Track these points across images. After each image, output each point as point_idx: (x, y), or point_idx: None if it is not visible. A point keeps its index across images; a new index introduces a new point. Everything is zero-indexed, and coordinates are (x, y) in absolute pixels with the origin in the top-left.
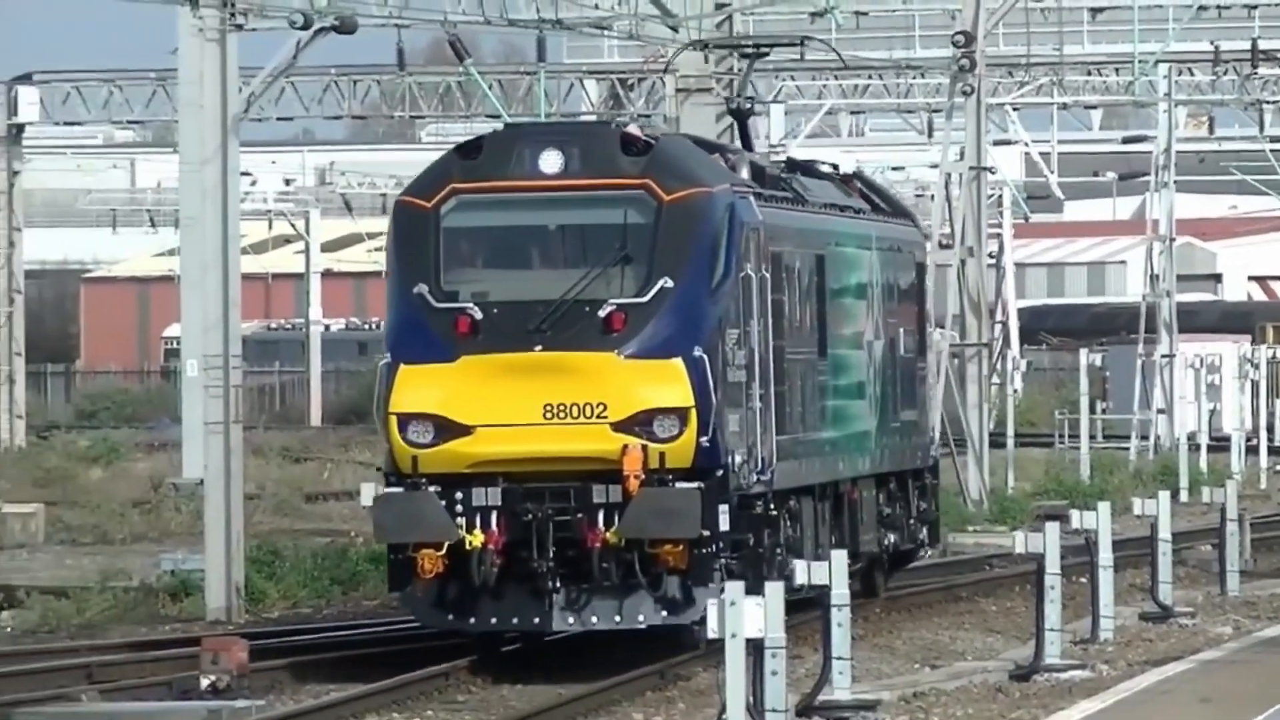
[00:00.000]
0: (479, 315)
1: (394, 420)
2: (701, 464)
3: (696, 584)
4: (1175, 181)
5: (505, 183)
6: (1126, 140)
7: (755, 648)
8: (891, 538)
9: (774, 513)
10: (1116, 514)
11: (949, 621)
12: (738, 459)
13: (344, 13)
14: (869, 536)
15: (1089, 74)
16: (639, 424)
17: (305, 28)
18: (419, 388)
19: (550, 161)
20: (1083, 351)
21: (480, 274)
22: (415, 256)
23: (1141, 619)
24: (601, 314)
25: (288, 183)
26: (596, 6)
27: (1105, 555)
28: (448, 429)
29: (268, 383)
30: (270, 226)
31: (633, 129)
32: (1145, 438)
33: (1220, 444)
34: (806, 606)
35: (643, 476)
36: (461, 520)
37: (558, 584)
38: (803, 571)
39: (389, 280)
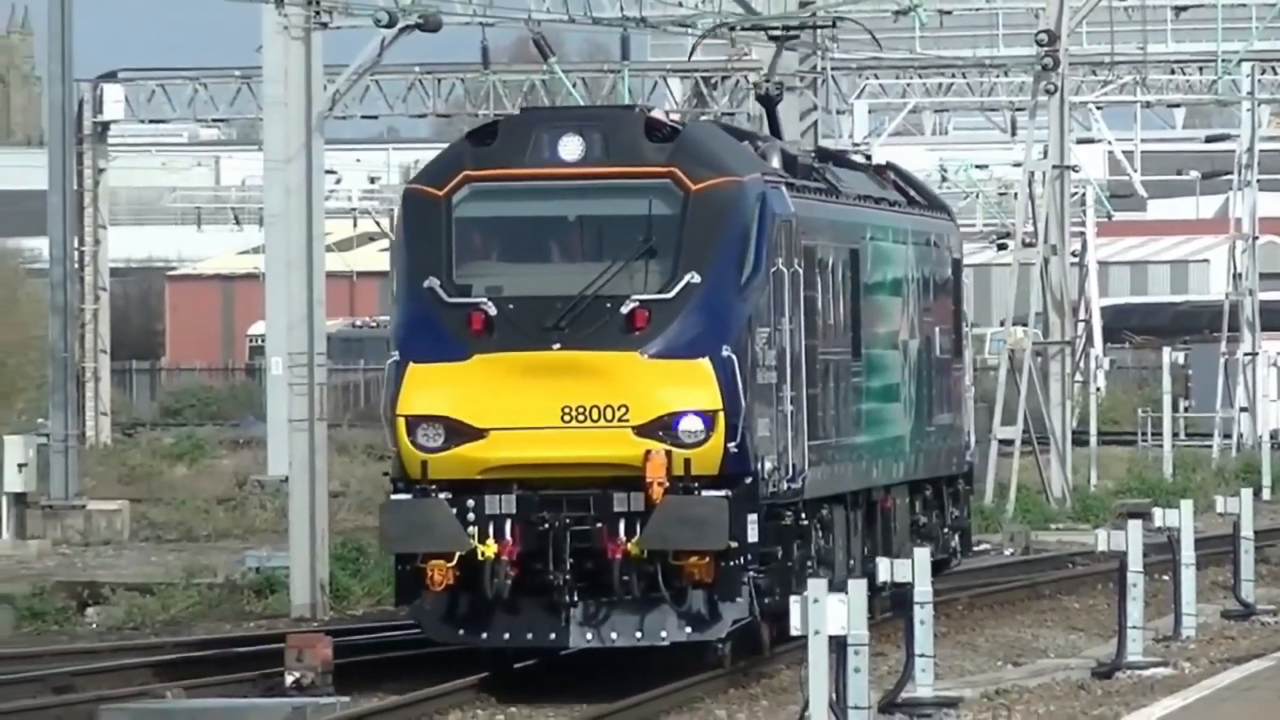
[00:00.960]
0: (493, 311)
1: (402, 423)
2: (729, 471)
3: (723, 599)
4: (1258, 180)
5: (521, 170)
6: (1210, 139)
7: (838, 645)
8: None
9: (805, 522)
10: (1199, 512)
11: (1031, 619)
12: (767, 465)
13: (428, 11)
14: (901, 547)
15: (1172, 73)
16: (663, 428)
17: (390, 26)
18: (429, 388)
19: (570, 148)
20: (1165, 350)
21: (494, 267)
22: (425, 248)
23: (1224, 617)
24: (624, 311)
25: (372, 181)
26: (680, 4)
27: (1187, 553)
28: (459, 432)
29: (352, 380)
30: (355, 224)
31: (658, 113)
32: (1228, 436)
33: None
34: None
35: (667, 484)
36: (473, 529)
37: (575, 598)
38: (885, 569)
39: (397, 273)
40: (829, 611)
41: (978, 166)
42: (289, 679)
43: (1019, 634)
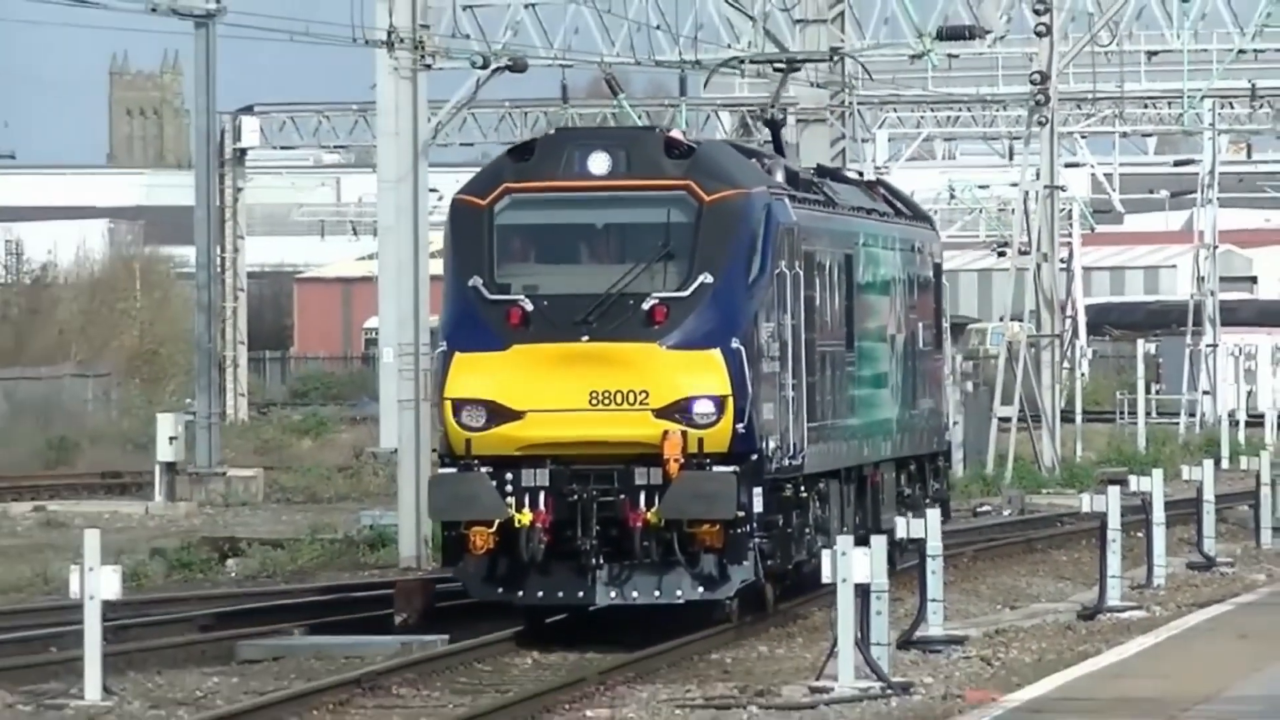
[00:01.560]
0: (529, 307)
1: (449, 405)
2: (737, 449)
3: (731, 562)
4: (1218, 198)
5: (555, 183)
6: (1177, 163)
7: (862, 591)
8: (910, 516)
9: (804, 495)
10: (1168, 479)
11: (1026, 569)
12: (771, 444)
13: (516, 55)
14: (889, 515)
15: (1145, 107)
16: (679, 411)
17: (484, 67)
18: (472, 375)
19: (598, 163)
20: (1140, 342)
21: (531, 268)
22: (470, 251)
23: (1189, 568)
24: (645, 307)
25: None
26: (730, 47)
27: (1158, 514)
28: (499, 413)
29: None
30: None
31: (675, 134)
32: (1192, 415)
33: (1256, 420)
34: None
35: (682, 460)
36: (511, 500)
37: (601, 560)
38: (902, 527)
39: (446, 273)
40: (855, 563)
41: (980, 186)
42: (397, 619)
43: (1015, 582)
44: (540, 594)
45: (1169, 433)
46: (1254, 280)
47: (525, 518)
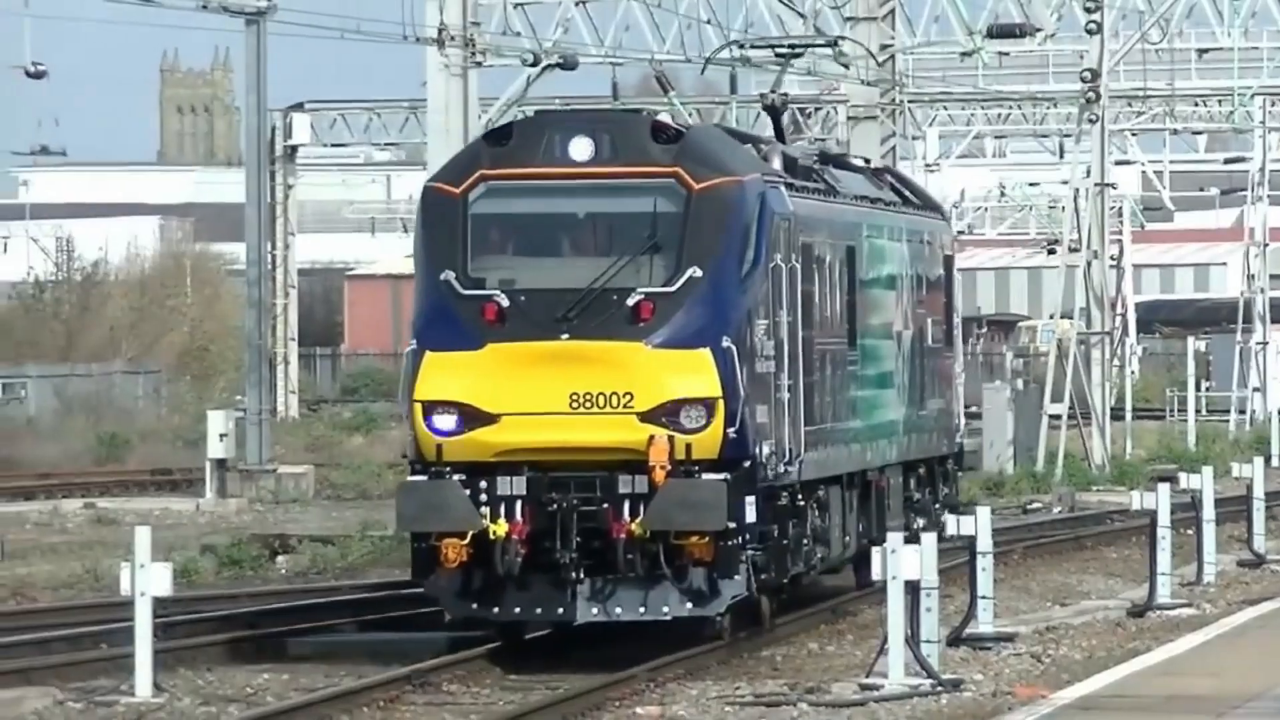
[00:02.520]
0: (506, 303)
1: (418, 408)
2: (728, 455)
3: (721, 576)
4: (1269, 195)
5: (534, 170)
6: (1228, 160)
7: (912, 588)
8: (919, 523)
9: (801, 503)
10: (1218, 476)
11: (1076, 567)
12: (765, 450)
13: (567, 52)
14: (895, 523)
15: (1196, 105)
16: (666, 414)
17: (534, 65)
18: (444, 375)
19: (580, 149)
20: (1190, 339)
21: (508, 261)
22: (443, 243)
23: (1239, 565)
24: (629, 303)
25: None
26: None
27: (1208, 511)
28: (473, 417)
29: None
30: None
31: (663, 117)
32: (1243, 412)
33: None
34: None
35: (669, 467)
36: (485, 509)
37: (582, 574)
38: (953, 524)
39: (417, 267)
40: (905, 561)
41: (1031, 184)
42: (447, 616)
43: (1065, 579)
44: (517, 610)
45: (1219, 430)
46: None
47: (501, 529)
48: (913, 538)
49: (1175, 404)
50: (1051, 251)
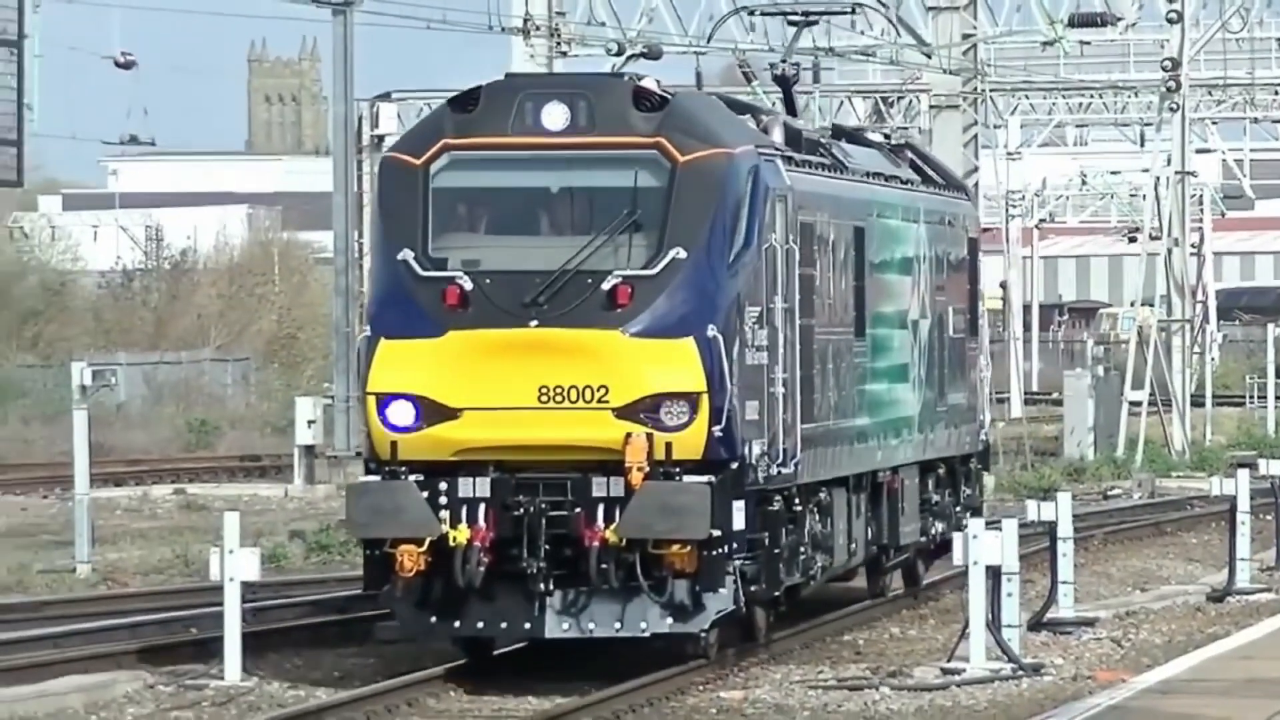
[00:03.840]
0: (469, 286)
1: (371, 400)
2: (714, 456)
3: (705, 589)
4: None
5: (503, 139)
6: None
7: (994, 574)
8: (938, 527)
9: (798, 508)
10: None
11: (1156, 552)
12: (755, 450)
13: (651, 42)
14: (911, 528)
15: (1276, 93)
16: (644, 410)
17: (619, 54)
18: (400, 365)
19: (554, 117)
20: (1270, 326)
21: (473, 240)
22: (401, 219)
23: None
24: (605, 287)
25: None
26: (863, 33)
27: None
28: (432, 412)
29: None
30: None
31: (647, 82)
32: None
33: None
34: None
35: (647, 469)
36: (446, 514)
37: (551, 586)
38: (1033, 510)
39: (373, 245)
40: (986, 546)
41: (1112, 172)
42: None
43: (1145, 564)
44: (480, 624)
45: None
46: None
47: (462, 535)
48: (994, 523)
49: (1255, 390)
50: (1132, 239)
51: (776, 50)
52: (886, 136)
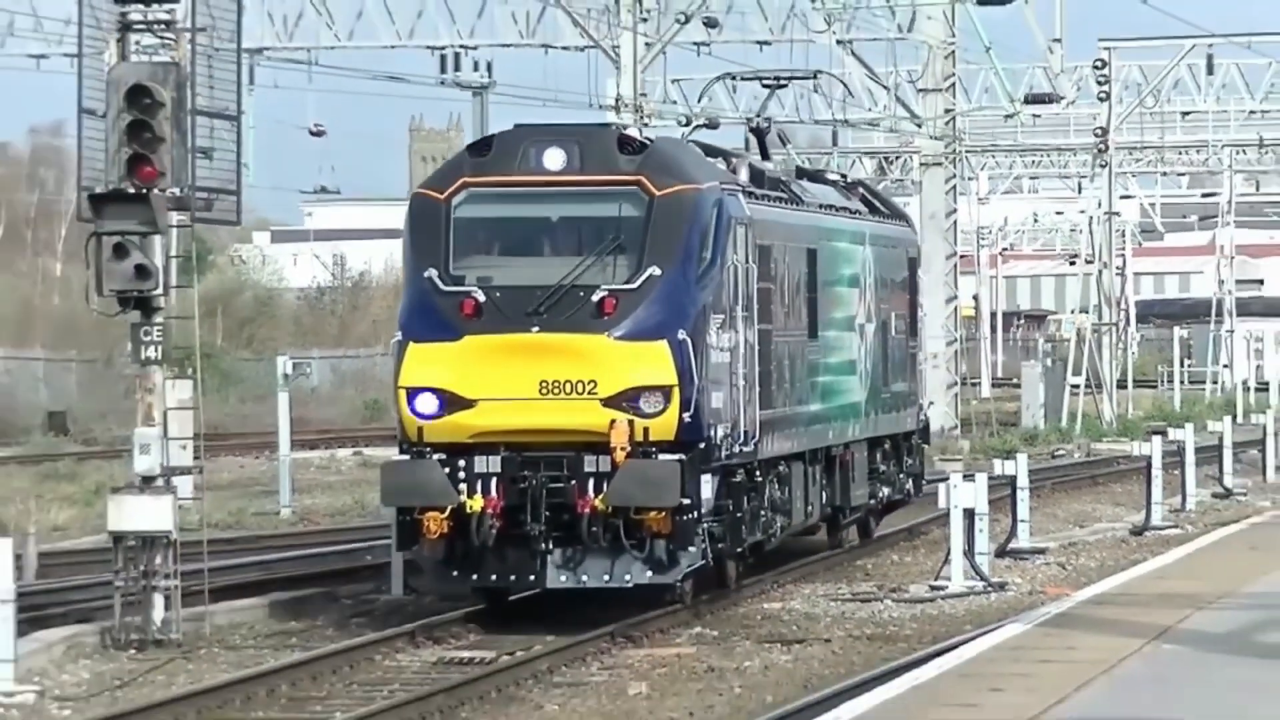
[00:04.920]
0: (482, 298)
1: (402, 393)
2: (684, 437)
3: (679, 547)
4: (1234, 220)
5: (512, 177)
6: (1204, 195)
7: (969, 514)
8: (884, 491)
9: (759, 479)
10: (1197, 431)
11: (1091, 498)
12: (720, 432)
13: (711, 115)
14: (861, 491)
15: (1180, 153)
16: (627, 400)
17: (687, 124)
18: (426, 364)
19: (553, 159)
20: (1176, 329)
21: (486, 260)
22: (428, 244)
23: (1213, 497)
24: (594, 299)
25: None
26: (870, 110)
27: (1190, 456)
28: (452, 402)
29: None
30: None
31: (630, 131)
32: (1215, 383)
33: (1263, 387)
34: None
35: (629, 448)
36: (464, 486)
37: (551, 545)
38: (999, 466)
39: (404, 265)
40: (963, 493)
41: (1057, 213)
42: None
43: (1083, 507)
44: (493, 577)
45: (1198, 396)
46: (1261, 282)
47: (477, 503)
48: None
49: (1165, 377)
50: (1073, 262)
51: (804, 121)
52: (843, 176)
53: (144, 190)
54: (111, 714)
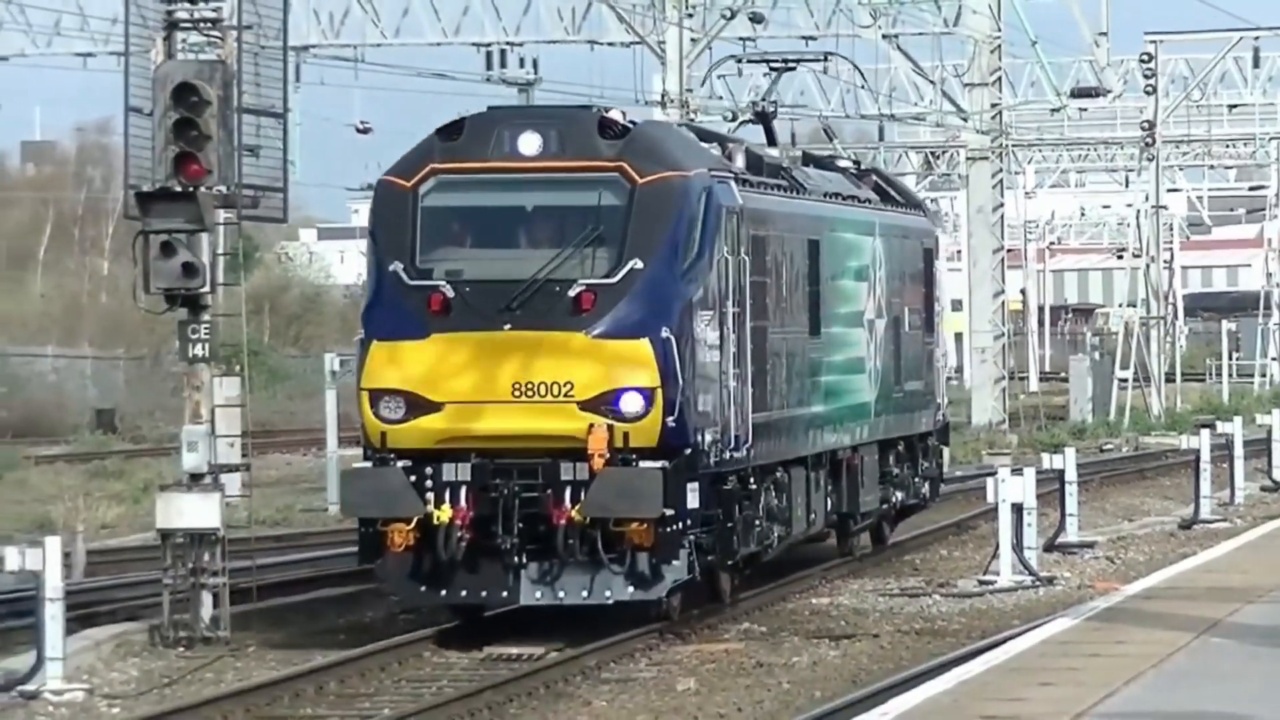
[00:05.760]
0: (451, 293)
1: (364, 395)
2: (668, 443)
3: (662, 561)
4: None
5: (483, 164)
6: (1252, 188)
7: (1017, 509)
8: (898, 495)
9: (753, 486)
10: (1246, 424)
11: (1140, 492)
12: (708, 437)
13: (759, 108)
14: (871, 497)
15: (1227, 146)
16: (606, 403)
17: (733, 120)
18: (390, 364)
19: (528, 143)
20: (1223, 322)
21: (455, 253)
22: (393, 235)
23: (1261, 490)
24: (571, 294)
25: None
26: (916, 105)
27: (1238, 449)
28: (418, 405)
29: None
30: None
31: (613, 113)
32: (1263, 376)
33: None
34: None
35: (608, 455)
36: (431, 495)
37: (525, 559)
38: (1047, 460)
39: (368, 259)
40: (1011, 487)
41: (1104, 207)
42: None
43: (1131, 501)
44: (464, 593)
45: (1246, 389)
46: None
47: (445, 514)
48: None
49: (1213, 370)
50: (1120, 256)
51: (851, 116)
52: (856, 163)
53: (191, 188)
54: (160, 711)
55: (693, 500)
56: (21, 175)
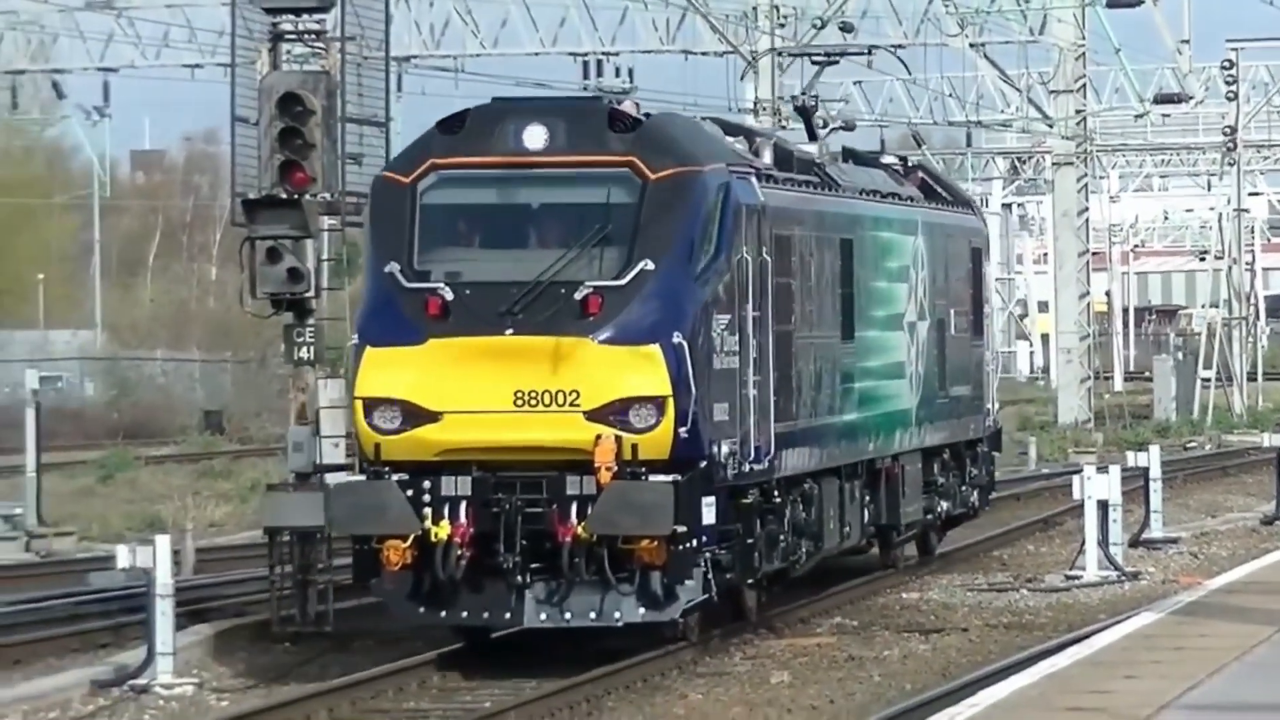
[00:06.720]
0: (449, 296)
1: (358, 405)
2: (680, 455)
3: (675, 580)
4: None
5: (486, 159)
6: None
7: (1103, 505)
8: (943, 505)
9: (777, 499)
10: None
11: (1222, 489)
12: (725, 449)
13: (848, 117)
14: (914, 507)
15: None
16: (613, 413)
17: (824, 127)
18: (385, 371)
19: (534, 137)
20: None
21: (455, 253)
22: (390, 234)
23: None
24: (577, 297)
25: None
26: (1003, 111)
27: None
28: (414, 415)
29: None
30: None
31: (626, 105)
32: None
33: None
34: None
35: (615, 468)
36: (429, 511)
37: (529, 579)
38: (1131, 458)
39: (364, 259)
40: (1097, 485)
41: (1187, 210)
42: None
43: (1214, 498)
44: (465, 614)
45: None
46: None
47: (443, 531)
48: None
49: None
50: (1202, 259)
51: (938, 123)
52: (902, 160)
53: (296, 195)
54: (267, 705)
55: (708, 515)
56: (131, 184)
